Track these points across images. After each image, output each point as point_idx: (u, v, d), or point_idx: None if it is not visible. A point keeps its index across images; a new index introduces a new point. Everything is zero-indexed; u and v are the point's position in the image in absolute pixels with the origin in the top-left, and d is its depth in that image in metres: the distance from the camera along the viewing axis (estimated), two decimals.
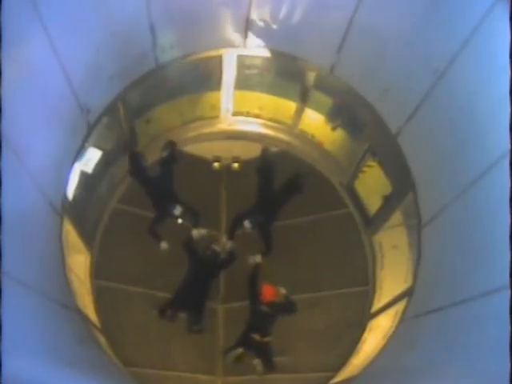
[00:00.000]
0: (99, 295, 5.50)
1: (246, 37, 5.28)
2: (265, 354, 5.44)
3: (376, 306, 5.66)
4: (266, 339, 5.38)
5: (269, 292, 5.39)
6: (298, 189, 5.77)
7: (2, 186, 3.00)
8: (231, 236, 5.85)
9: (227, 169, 6.31)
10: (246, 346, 5.42)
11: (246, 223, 5.75)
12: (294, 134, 6.47)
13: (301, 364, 5.61)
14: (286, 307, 5.40)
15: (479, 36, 3.60)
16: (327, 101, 6.01)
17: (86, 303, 5.19)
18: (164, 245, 5.75)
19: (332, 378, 5.43)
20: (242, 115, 6.47)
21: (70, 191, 4.93)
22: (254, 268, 5.64)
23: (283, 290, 5.45)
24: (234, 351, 5.45)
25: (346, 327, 5.69)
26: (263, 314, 5.38)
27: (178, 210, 5.71)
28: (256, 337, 5.36)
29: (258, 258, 5.74)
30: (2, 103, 3.07)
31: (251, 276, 5.56)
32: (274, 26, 5.09)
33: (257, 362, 5.44)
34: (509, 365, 2.63)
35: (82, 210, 5.32)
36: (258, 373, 5.44)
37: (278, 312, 5.40)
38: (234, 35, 5.26)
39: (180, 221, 5.79)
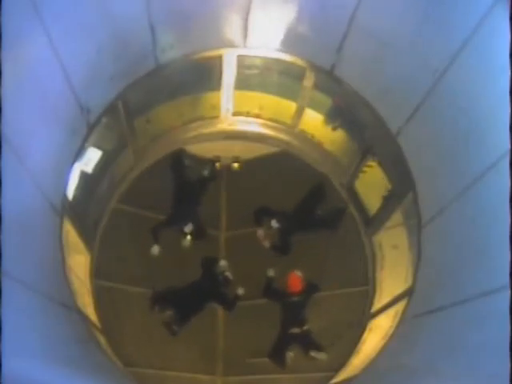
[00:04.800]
0: (99, 295, 5.50)
1: (245, 37, 5.28)
2: (310, 343, 5.52)
3: (376, 306, 5.65)
4: (305, 328, 5.49)
5: (296, 281, 5.53)
6: (333, 225, 5.95)
7: (2, 186, 3.00)
8: (259, 223, 5.97)
9: (227, 169, 6.31)
10: (289, 343, 5.51)
11: (274, 222, 5.87)
12: (294, 134, 6.46)
13: (301, 364, 5.61)
14: (311, 289, 5.54)
15: (479, 36, 3.60)
16: (327, 101, 6.00)
17: (86, 303, 5.19)
18: (155, 249, 5.78)
19: (332, 377, 5.43)
20: (242, 115, 6.47)
21: (70, 191, 4.92)
22: (268, 281, 5.69)
23: (299, 273, 5.58)
24: (288, 355, 5.50)
25: (346, 327, 5.69)
26: (295, 305, 5.49)
27: (188, 228, 5.80)
28: (296, 330, 5.46)
29: (272, 272, 5.75)
30: (2, 103, 3.07)
31: (265, 289, 5.63)
32: (274, 26, 5.10)
33: (314, 353, 5.51)
34: (509, 365, 2.64)
35: (82, 210, 5.32)
36: (322, 359, 5.53)
37: (307, 297, 5.53)
38: (234, 35, 5.26)
39: (189, 238, 5.86)
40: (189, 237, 5.87)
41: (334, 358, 5.55)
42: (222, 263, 5.76)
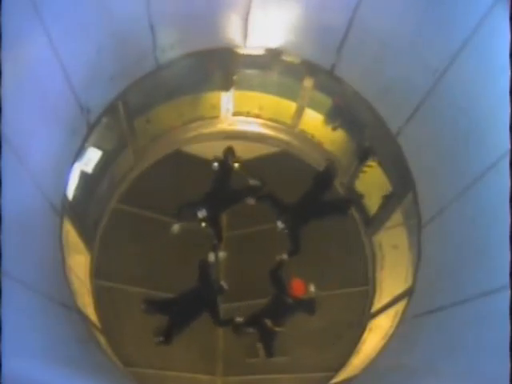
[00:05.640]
0: (99, 295, 5.50)
1: (245, 37, 5.28)
2: (268, 341, 5.51)
3: (376, 306, 5.66)
4: (277, 329, 5.46)
5: (299, 287, 5.48)
6: (342, 212, 5.95)
7: (2, 186, 3.00)
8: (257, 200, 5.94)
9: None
10: (255, 326, 5.49)
11: (279, 223, 5.83)
12: (294, 134, 6.47)
13: (301, 364, 5.61)
14: (307, 306, 5.49)
15: (479, 36, 3.60)
16: (327, 101, 6.01)
17: (86, 303, 5.19)
18: (176, 228, 5.79)
19: (332, 378, 5.43)
20: (242, 115, 6.48)
21: (70, 191, 4.92)
22: (277, 264, 5.68)
23: (312, 288, 5.54)
24: (248, 330, 5.49)
25: (346, 327, 5.69)
26: (284, 304, 5.45)
27: (202, 213, 5.71)
28: (268, 323, 5.43)
29: (284, 256, 5.75)
30: (2, 103, 3.07)
31: (274, 271, 5.61)
32: (274, 26, 5.10)
33: (259, 345, 5.51)
34: (509, 365, 2.63)
35: (82, 210, 5.32)
36: (261, 357, 5.52)
37: (300, 308, 5.48)
38: (234, 35, 5.26)
39: (204, 224, 5.81)
40: (204, 224, 5.82)
41: (334, 358, 5.55)
42: (221, 255, 5.76)
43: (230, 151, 5.95)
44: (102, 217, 5.83)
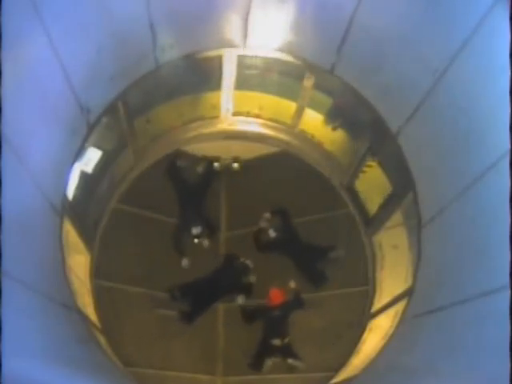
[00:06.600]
0: (99, 295, 5.50)
1: (245, 37, 5.28)
2: (289, 353, 5.54)
3: (376, 306, 5.65)
4: (286, 341, 5.51)
5: (276, 295, 5.53)
6: (316, 283, 5.85)
7: (2, 186, 3.00)
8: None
9: (227, 169, 6.31)
10: (270, 353, 5.52)
11: (271, 232, 5.95)
12: (294, 134, 6.46)
13: (301, 364, 5.61)
14: (295, 304, 5.55)
15: (479, 36, 3.60)
16: (327, 101, 6.00)
17: (86, 303, 5.19)
18: (185, 262, 5.80)
19: (332, 378, 5.43)
20: (242, 115, 6.46)
21: (70, 191, 4.92)
22: (241, 309, 5.68)
23: (293, 284, 5.61)
24: (267, 362, 5.52)
25: (346, 327, 5.69)
26: (276, 318, 5.50)
27: (196, 230, 5.82)
28: (277, 342, 5.48)
29: (241, 300, 5.71)
30: (2, 103, 3.07)
31: (244, 316, 5.64)
32: (274, 26, 5.10)
33: (291, 361, 5.54)
34: (509, 365, 2.64)
35: (82, 210, 5.32)
36: (300, 369, 5.55)
37: (289, 310, 5.53)
38: (233, 35, 5.26)
39: (196, 241, 5.89)
40: (206, 240, 5.91)
41: (334, 358, 5.55)
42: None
43: (177, 154, 6.13)
44: (102, 217, 5.83)
